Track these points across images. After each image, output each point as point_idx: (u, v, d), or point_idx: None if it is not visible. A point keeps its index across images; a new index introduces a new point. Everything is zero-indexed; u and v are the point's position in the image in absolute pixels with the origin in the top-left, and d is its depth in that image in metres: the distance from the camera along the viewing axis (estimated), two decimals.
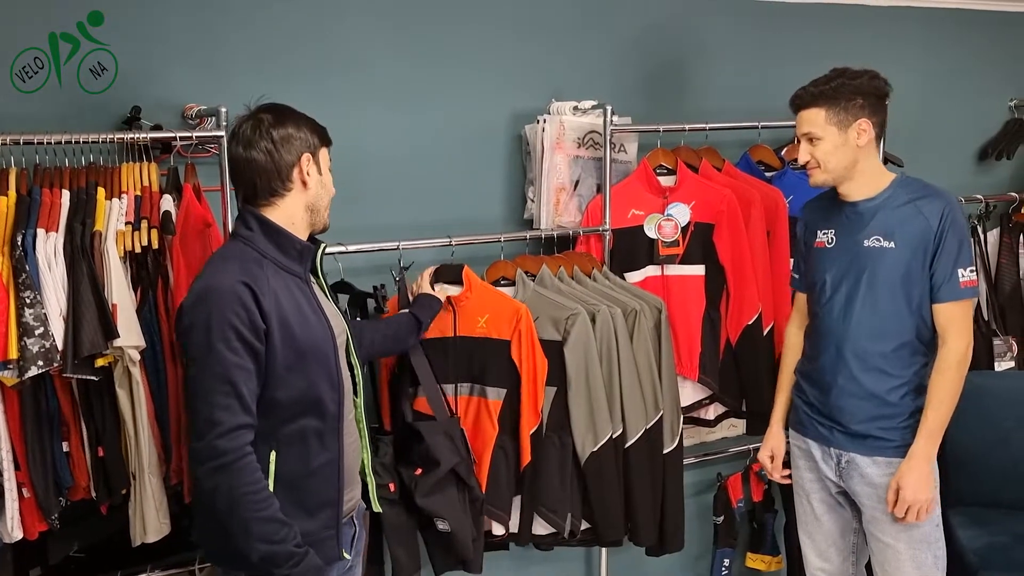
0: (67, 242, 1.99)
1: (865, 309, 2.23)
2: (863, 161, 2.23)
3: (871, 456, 2.26)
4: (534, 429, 2.45)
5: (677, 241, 2.75)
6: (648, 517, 2.60)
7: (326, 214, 1.91)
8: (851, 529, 2.43)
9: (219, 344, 1.67)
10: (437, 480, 2.31)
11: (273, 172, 1.80)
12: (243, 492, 1.67)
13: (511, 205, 2.81)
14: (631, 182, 2.78)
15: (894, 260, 2.19)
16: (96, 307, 1.98)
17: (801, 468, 2.46)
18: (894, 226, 2.20)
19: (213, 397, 1.67)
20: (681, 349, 2.76)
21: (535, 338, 2.44)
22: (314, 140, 1.86)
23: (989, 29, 3.49)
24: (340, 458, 1.86)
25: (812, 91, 2.23)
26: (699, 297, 2.79)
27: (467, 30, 2.67)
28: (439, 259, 2.52)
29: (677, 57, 2.98)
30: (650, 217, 2.74)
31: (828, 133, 2.20)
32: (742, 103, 3.03)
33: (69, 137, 2.07)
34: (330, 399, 1.83)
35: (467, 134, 2.72)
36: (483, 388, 2.47)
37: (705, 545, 3.16)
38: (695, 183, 2.77)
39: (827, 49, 3.16)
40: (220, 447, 1.66)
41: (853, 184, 2.26)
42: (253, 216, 1.82)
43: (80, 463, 2.12)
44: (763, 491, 3.10)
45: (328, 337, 1.84)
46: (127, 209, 2.08)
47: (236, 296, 1.69)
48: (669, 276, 2.78)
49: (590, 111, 2.70)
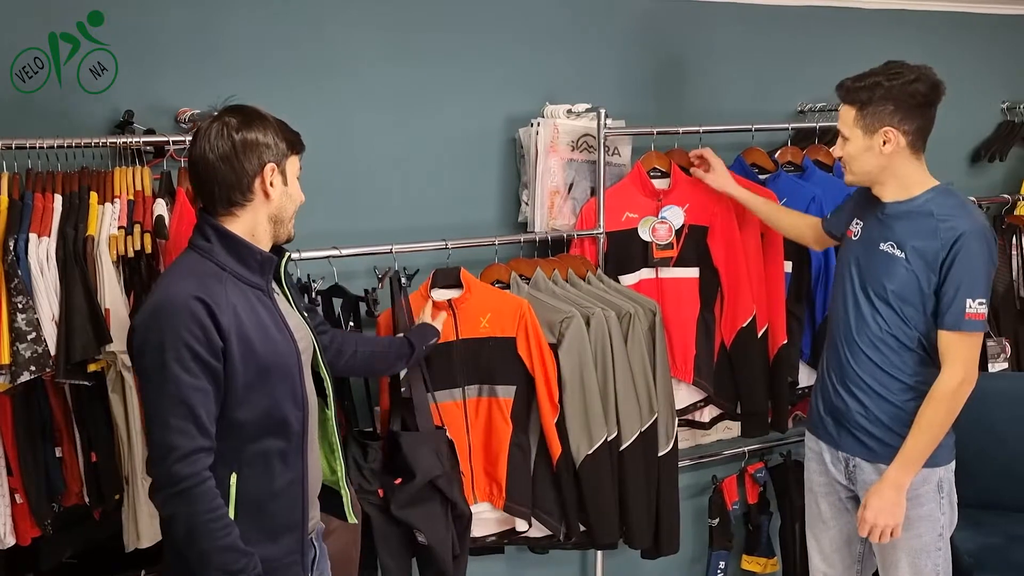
0: (59, 247, 1.98)
1: (869, 311, 2.21)
2: (894, 167, 2.15)
3: (874, 462, 2.24)
4: (557, 418, 2.44)
5: (671, 244, 2.74)
6: (643, 520, 2.60)
7: (291, 225, 1.82)
8: (859, 537, 2.38)
9: (173, 364, 1.59)
10: (415, 491, 2.26)
11: (233, 182, 1.71)
12: (202, 519, 1.60)
13: (505, 208, 2.81)
14: (625, 185, 2.77)
15: (901, 270, 2.15)
16: (89, 312, 1.97)
17: (813, 470, 2.44)
18: (908, 237, 2.14)
19: (169, 420, 1.60)
20: (676, 352, 2.76)
21: (540, 331, 2.43)
22: (281, 147, 1.75)
23: (982, 32, 3.50)
24: (304, 478, 1.79)
25: (848, 86, 2.15)
26: (693, 300, 2.78)
27: (460, 34, 2.67)
28: (434, 263, 2.52)
29: (671, 60, 2.99)
30: (644, 220, 2.74)
31: (854, 136, 2.14)
32: (736, 106, 3.03)
33: (61, 141, 2.06)
34: (294, 417, 1.75)
35: (461, 137, 2.71)
36: (493, 387, 2.46)
37: (701, 547, 3.15)
38: (689, 185, 2.77)
39: (821, 52, 3.18)
40: (178, 473, 1.59)
41: (883, 187, 2.20)
42: (211, 227, 1.73)
43: (73, 468, 2.12)
44: (758, 493, 3.10)
45: (292, 351, 1.77)
46: (120, 213, 2.06)
47: (190, 313, 1.61)
48: (664, 279, 2.78)
49: (584, 114, 2.70)
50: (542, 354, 2.42)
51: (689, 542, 3.04)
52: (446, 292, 2.47)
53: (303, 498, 1.79)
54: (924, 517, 2.23)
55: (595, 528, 2.54)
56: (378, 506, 2.32)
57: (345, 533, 2.27)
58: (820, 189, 2.80)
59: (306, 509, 1.81)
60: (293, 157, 1.79)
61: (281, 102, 2.41)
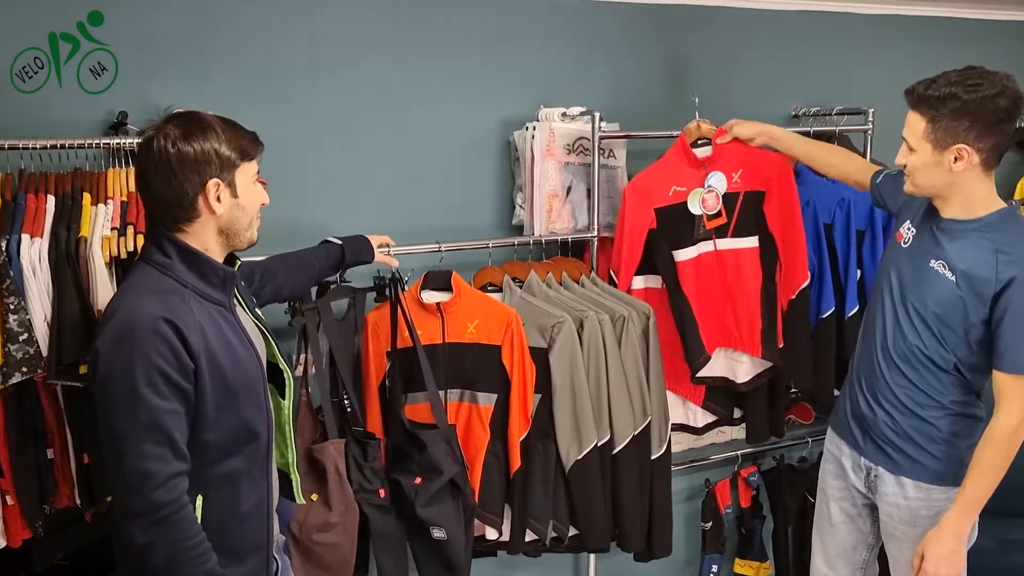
0: (52, 248, 1.98)
1: (908, 327, 2.10)
2: (961, 184, 1.98)
3: (896, 475, 2.19)
4: (524, 436, 2.45)
5: (720, 212, 2.65)
6: (636, 523, 2.60)
7: (249, 232, 1.73)
8: (865, 545, 2.37)
9: (145, 390, 1.53)
10: (437, 489, 2.29)
11: (174, 200, 1.63)
12: (182, 547, 1.57)
13: (499, 211, 2.81)
14: (670, 158, 2.69)
15: (948, 293, 2.02)
16: (81, 313, 1.96)
17: (828, 472, 2.39)
18: (961, 260, 2.00)
19: (143, 448, 1.54)
20: (742, 325, 2.72)
21: (525, 343, 2.44)
22: (231, 157, 1.65)
23: (974, 37, 3.50)
24: (269, 496, 1.78)
25: (920, 93, 1.95)
26: (755, 271, 2.71)
27: (455, 37, 2.67)
28: (428, 265, 2.52)
29: (665, 64, 2.99)
30: (693, 193, 2.65)
31: (922, 149, 1.96)
32: (730, 110, 3.03)
33: (55, 142, 2.06)
34: (262, 428, 1.74)
35: (456, 140, 2.72)
36: (474, 394, 2.47)
37: (693, 551, 3.16)
38: (737, 150, 2.67)
39: (815, 56, 3.18)
40: (157, 500, 1.54)
41: (946, 203, 2.04)
42: (169, 241, 1.65)
43: (64, 470, 2.11)
44: (751, 497, 3.11)
45: (256, 365, 1.73)
46: (113, 214, 2.06)
47: (159, 335, 1.55)
48: (723, 251, 2.70)
49: (578, 118, 2.70)
50: (523, 367, 2.42)
51: (682, 545, 3.04)
52: (436, 295, 2.48)
53: (268, 517, 1.78)
54: None
55: (585, 533, 2.54)
56: (378, 506, 2.33)
57: (341, 533, 2.27)
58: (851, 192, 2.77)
59: (271, 528, 1.80)
60: (245, 164, 1.69)
61: (277, 104, 2.45)
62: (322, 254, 2.26)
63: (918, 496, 2.18)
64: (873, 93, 3.08)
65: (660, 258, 2.67)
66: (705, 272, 2.70)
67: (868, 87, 3.21)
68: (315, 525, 2.27)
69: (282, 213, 2.34)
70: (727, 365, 2.79)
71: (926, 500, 2.18)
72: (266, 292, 2.13)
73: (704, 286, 2.70)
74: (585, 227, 2.75)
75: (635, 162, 2.83)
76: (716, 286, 2.72)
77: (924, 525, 2.17)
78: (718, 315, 2.73)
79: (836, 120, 3.03)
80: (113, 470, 1.60)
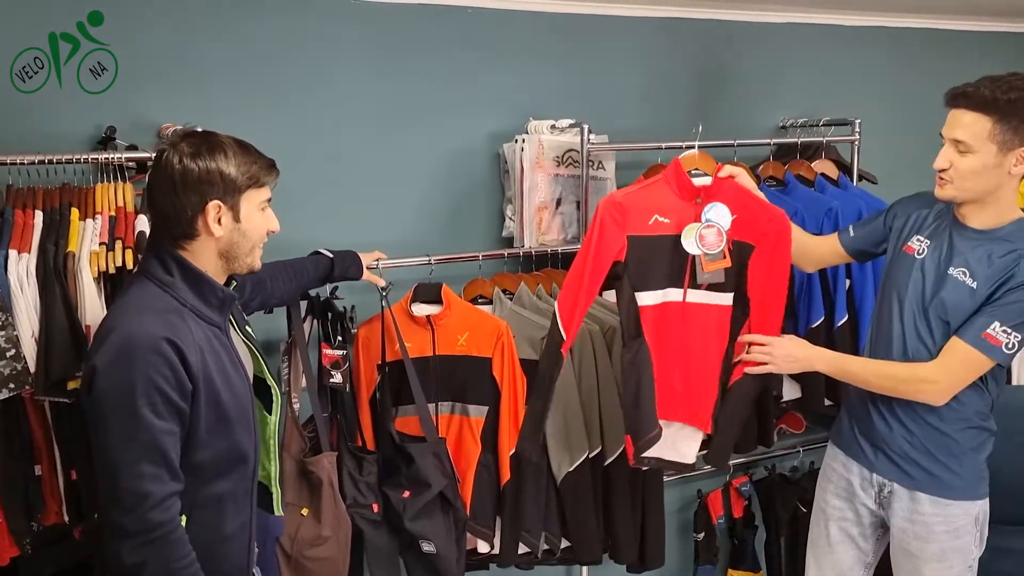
0: (40, 263, 1.97)
1: (928, 337, 2.08)
2: (1004, 190, 1.98)
3: (911, 490, 2.16)
4: (515, 449, 2.44)
5: (723, 253, 2.22)
6: (628, 534, 2.60)
7: (249, 259, 1.72)
8: (863, 564, 2.33)
9: (144, 410, 1.52)
10: (425, 503, 2.29)
11: (173, 216, 1.62)
12: (175, 567, 1.57)
13: (489, 223, 2.81)
14: (657, 182, 2.29)
15: (969, 299, 2.01)
16: (69, 329, 1.95)
17: (829, 491, 2.33)
18: (983, 267, 2.00)
19: (140, 467, 1.53)
20: (697, 399, 2.30)
21: (516, 355, 2.44)
22: (237, 180, 1.64)
23: (958, 48, 3.54)
24: (251, 520, 1.77)
25: (985, 95, 1.90)
26: (722, 333, 2.30)
27: (444, 51, 2.69)
28: (418, 278, 2.52)
29: (653, 76, 3.01)
30: (688, 228, 2.22)
31: (985, 149, 1.92)
32: (718, 121, 3.05)
33: (42, 157, 2.05)
34: (250, 449, 1.74)
35: (445, 153, 2.72)
36: (465, 406, 2.47)
37: (686, 562, 3.15)
38: (736, 192, 2.27)
39: (802, 68, 3.21)
40: (153, 520, 1.54)
41: (980, 211, 2.02)
42: (173, 259, 1.64)
43: (52, 487, 2.10)
44: (743, 507, 3.11)
45: (247, 389, 1.73)
46: (101, 229, 2.05)
47: (161, 355, 1.54)
48: (690, 304, 2.27)
49: (567, 130, 2.71)
50: (514, 379, 2.42)
51: (675, 556, 3.04)
52: (426, 307, 2.47)
53: (250, 540, 1.78)
54: (959, 549, 2.17)
55: (577, 545, 2.54)
56: (372, 521, 2.33)
57: (333, 546, 2.27)
58: (838, 202, 2.75)
59: (252, 550, 1.79)
60: (253, 191, 1.67)
61: (267, 117, 2.45)
62: (311, 265, 2.27)
63: (934, 512, 2.14)
64: (859, 104, 3.10)
65: (621, 299, 2.27)
66: (665, 326, 2.28)
67: (854, 98, 3.23)
68: (307, 540, 2.26)
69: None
70: (665, 443, 2.34)
71: (943, 516, 2.14)
72: (255, 303, 2.13)
73: (659, 343, 2.29)
74: (575, 238, 2.75)
75: (624, 173, 2.84)
76: (673, 344, 2.29)
77: (941, 541, 2.15)
78: (669, 380, 2.31)
79: (823, 131, 3.05)
80: (106, 488, 1.58)
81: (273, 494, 1.98)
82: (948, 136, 1.98)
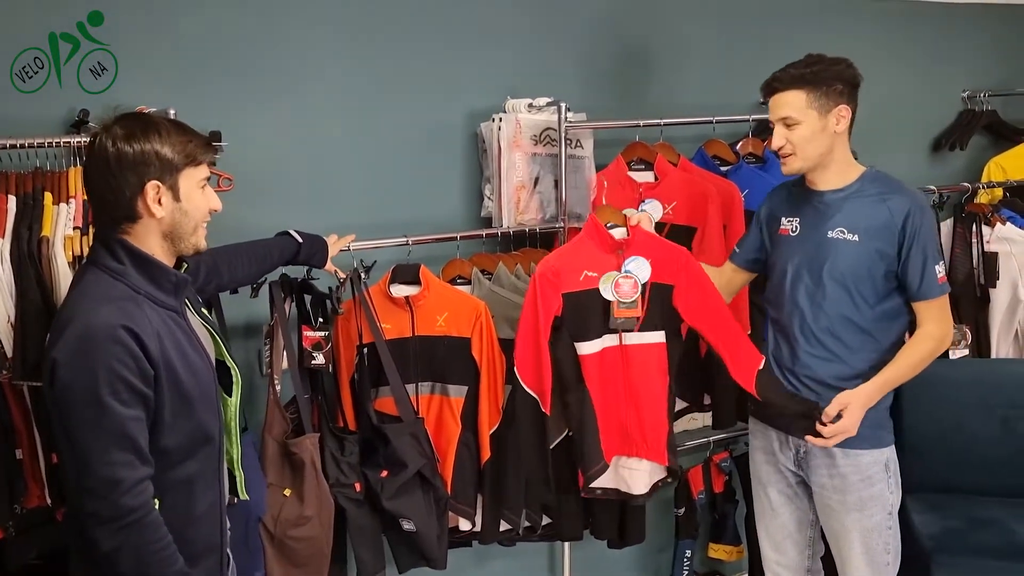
0: (14, 248, 1.97)
1: (826, 300, 2.24)
2: (837, 150, 2.22)
3: (824, 447, 2.27)
4: (495, 428, 2.47)
5: (636, 302, 2.38)
6: (608, 510, 2.62)
7: (194, 238, 1.71)
8: (808, 522, 2.46)
9: (109, 399, 1.53)
10: (403, 482, 2.31)
11: (111, 200, 1.62)
12: (151, 549, 1.59)
13: (468, 203, 2.81)
14: (582, 240, 2.45)
15: (856, 253, 2.20)
16: (45, 313, 1.96)
17: (758, 460, 2.49)
18: (859, 219, 2.20)
19: (110, 456, 1.54)
20: (647, 432, 2.44)
21: (494, 335, 2.45)
22: (173, 160, 1.63)
23: (941, 21, 3.54)
24: (221, 497, 1.79)
25: (793, 73, 2.19)
26: (662, 369, 2.44)
27: (421, 29, 2.67)
28: (396, 259, 2.52)
29: (632, 53, 3.00)
30: (606, 276, 2.39)
31: (808, 117, 2.17)
32: (697, 98, 3.05)
33: (14, 141, 2.04)
34: (215, 430, 1.75)
35: (423, 133, 2.72)
36: (444, 386, 2.48)
37: (667, 537, 3.18)
38: (646, 239, 2.43)
39: (781, 44, 3.18)
40: (126, 505, 1.55)
41: (825, 173, 2.25)
42: (120, 245, 1.63)
43: (34, 470, 2.11)
44: (724, 482, 3.13)
45: (208, 370, 1.74)
46: (75, 214, 2.05)
47: (120, 343, 1.54)
48: (628, 346, 2.42)
49: (545, 108, 2.71)
50: (493, 359, 2.44)
51: (655, 531, 3.06)
52: (405, 288, 2.48)
53: (221, 519, 1.79)
54: (875, 497, 2.30)
55: (559, 521, 2.56)
56: (354, 500, 2.35)
57: (316, 526, 2.29)
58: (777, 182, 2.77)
59: (224, 527, 1.81)
60: (191, 169, 1.67)
61: (242, 99, 2.44)
62: (276, 249, 2.25)
63: (847, 463, 2.29)
64: None
65: (560, 350, 2.40)
66: (608, 370, 2.43)
67: None
68: (290, 520, 2.28)
69: (246, 209, 2.35)
70: (618, 476, 2.49)
71: (855, 465, 2.29)
72: (210, 288, 2.11)
73: (606, 386, 2.43)
74: (553, 218, 2.76)
75: (602, 151, 2.84)
76: (619, 386, 2.43)
77: (858, 490, 2.29)
78: (620, 419, 2.44)
79: None
80: (76, 478, 1.59)
81: (237, 477, 1.97)
82: (776, 118, 2.22)
